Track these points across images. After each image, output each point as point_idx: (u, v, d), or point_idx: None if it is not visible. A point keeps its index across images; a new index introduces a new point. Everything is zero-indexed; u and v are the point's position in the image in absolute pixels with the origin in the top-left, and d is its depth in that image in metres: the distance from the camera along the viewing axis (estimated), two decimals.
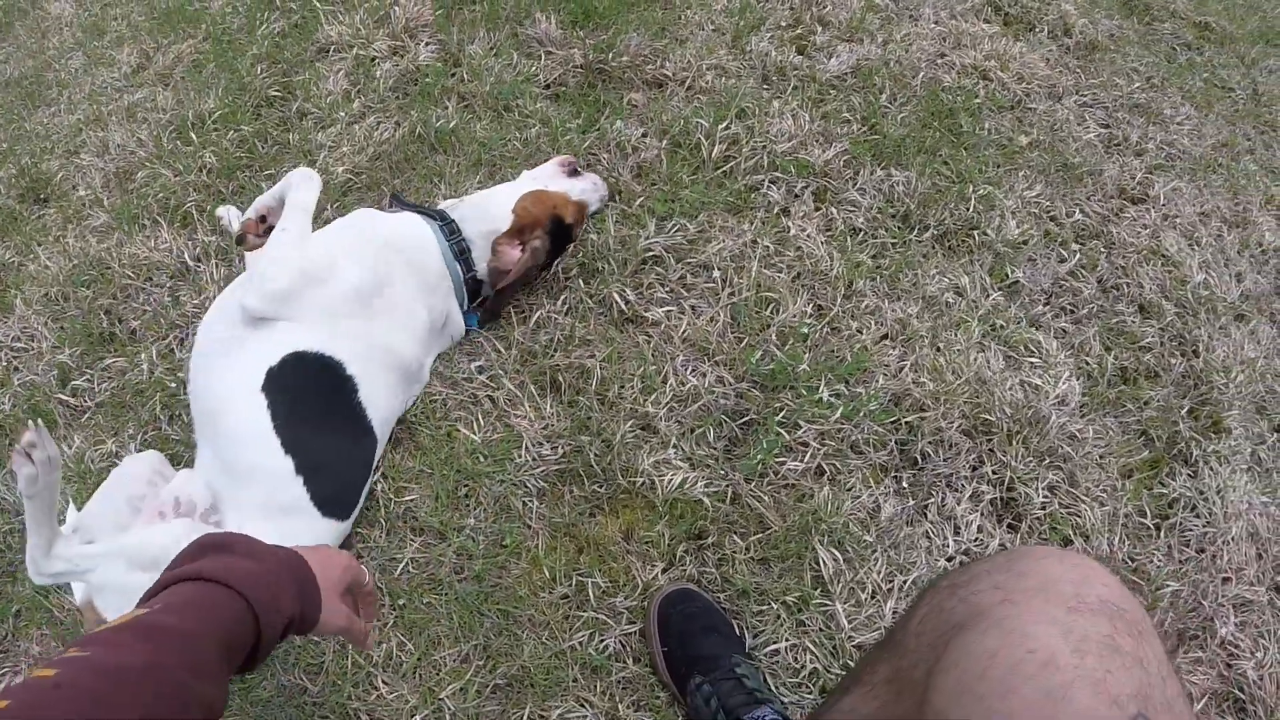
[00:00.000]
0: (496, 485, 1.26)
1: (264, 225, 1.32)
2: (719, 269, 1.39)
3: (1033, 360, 1.51)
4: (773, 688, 1.14)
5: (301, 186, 1.28)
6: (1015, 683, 0.51)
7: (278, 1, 2.12)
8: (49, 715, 0.43)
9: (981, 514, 1.35)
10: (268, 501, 1.15)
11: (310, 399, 1.20)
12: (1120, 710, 0.49)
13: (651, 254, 1.42)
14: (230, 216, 1.60)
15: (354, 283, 1.25)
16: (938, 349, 1.44)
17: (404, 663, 1.17)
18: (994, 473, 1.37)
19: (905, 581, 1.27)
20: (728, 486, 1.27)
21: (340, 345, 1.23)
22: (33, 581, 1.08)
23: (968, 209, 1.60)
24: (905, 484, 1.35)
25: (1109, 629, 0.53)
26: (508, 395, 1.32)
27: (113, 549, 1.07)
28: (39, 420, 1.00)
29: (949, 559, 1.32)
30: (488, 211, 1.38)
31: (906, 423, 1.37)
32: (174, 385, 1.42)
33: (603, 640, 1.19)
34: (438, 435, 1.34)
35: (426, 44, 1.89)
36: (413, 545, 1.23)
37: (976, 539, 1.33)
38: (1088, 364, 1.54)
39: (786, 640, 1.21)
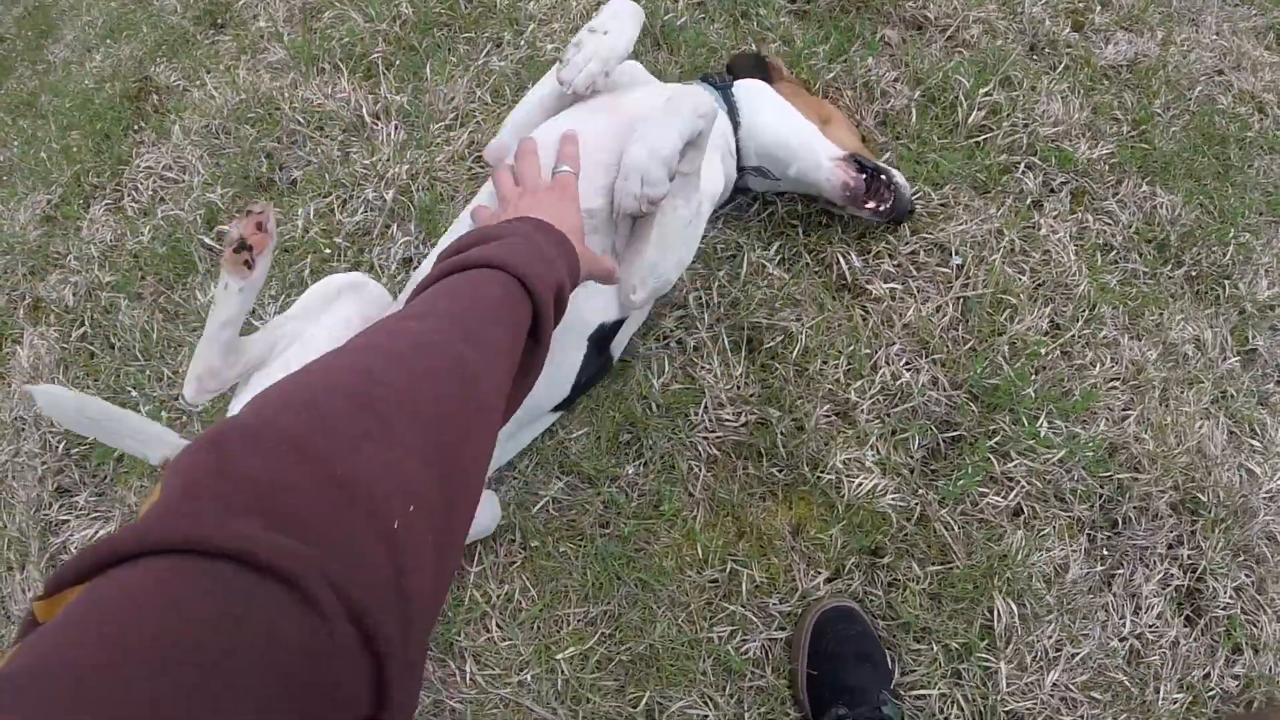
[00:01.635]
0: (664, 440, 1.08)
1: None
2: (959, 254, 1.17)
3: (1254, 443, 1.32)
4: None
5: (697, 109, 0.89)
6: None
7: None
8: (335, 369, 0.44)
9: (1166, 599, 1.20)
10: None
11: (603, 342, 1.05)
12: None
13: None
14: None
15: None
16: (1166, 405, 1.25)
17: (524, 610, 1.03)
18: (1188, 557, 1.21)
19: (1074, 655, 1.13)
20: (917, 505, 1.10)
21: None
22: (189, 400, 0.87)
23: (1224, 254, 1.37)
24: (1100, 546, 1.19)
25: None
26: (697, 342, 1.13)
27: None
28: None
29: (1121, 639, 1.17)
30: None
31: (1119, 479, 1.19)
32: (329, 250, 1.24)
33: (745, 640, 1.05)
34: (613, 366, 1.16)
35: None
36: (558, 484, 1.07)
37: (1153, 626, 1.19)
38: None
39: (938, 688, 1.08)
